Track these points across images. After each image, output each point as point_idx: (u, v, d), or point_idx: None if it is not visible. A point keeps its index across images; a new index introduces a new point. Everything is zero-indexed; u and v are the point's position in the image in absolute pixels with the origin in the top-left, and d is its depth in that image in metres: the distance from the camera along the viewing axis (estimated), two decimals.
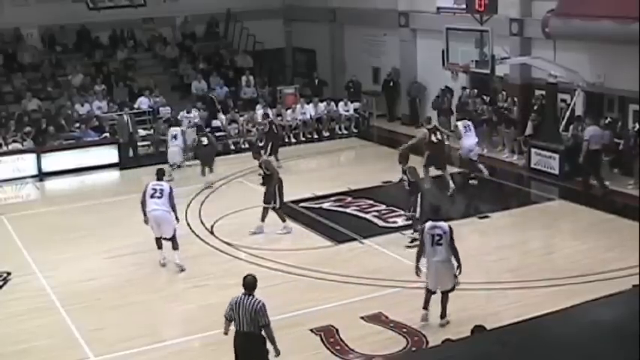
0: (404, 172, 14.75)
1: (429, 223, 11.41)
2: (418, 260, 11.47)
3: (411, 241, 14.40)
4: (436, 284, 11.45)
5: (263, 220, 15.69)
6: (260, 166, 15.96)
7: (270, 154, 19.54)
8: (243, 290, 9.38)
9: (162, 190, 13.84)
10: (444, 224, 11.42)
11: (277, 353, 9.42)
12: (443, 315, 11.56)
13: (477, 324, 9.26)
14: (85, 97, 24.59)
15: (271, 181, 15.59)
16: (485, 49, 19.16)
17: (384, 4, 25.29)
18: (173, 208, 13.96)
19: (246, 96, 25.99)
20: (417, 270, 11.52)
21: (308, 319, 11.84)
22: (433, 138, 17.63)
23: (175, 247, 14.03)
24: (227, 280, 12.87)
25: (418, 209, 14.36)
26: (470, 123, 18.81)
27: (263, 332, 9.27)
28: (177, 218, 14.14)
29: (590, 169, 17.68)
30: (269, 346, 9.43)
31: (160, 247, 14.14)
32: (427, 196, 14.83)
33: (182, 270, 13.96)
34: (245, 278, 9.43)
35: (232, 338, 9.48)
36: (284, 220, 15.79)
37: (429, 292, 11.53)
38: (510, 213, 16.98)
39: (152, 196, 13.84)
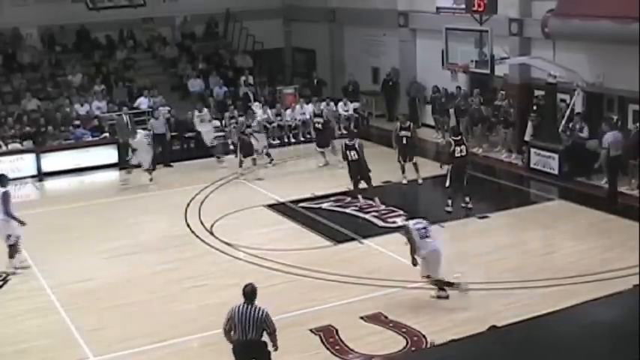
0: None
1: None
2: None
3: (447, 205, 16.56)
4: None
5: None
6: None
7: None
8: (243, 299, 9.22)
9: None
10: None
11: (275, 348, 9.39)
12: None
13: (493, 324, 9.10)
14: (85, 97, 24.56)
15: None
16: (485, 49, 19.16)
17: (384, 4, 25.27)
18: (7, 213, 14.05)
19: None
20: None
21: (308, 319, 11.83)
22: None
23: (9, 255, 14.10)
24: (226, 280, 12.86)
25: (448, 181, 16.57)
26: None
27: (265, 337, 9.20)
28: (20, 222, 14.16)
29: (610, 176, 17.25)
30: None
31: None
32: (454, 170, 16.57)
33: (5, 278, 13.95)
34: (245, 288, 9.32)
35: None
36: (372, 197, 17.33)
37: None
38: (510, 213, 16.96)
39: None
